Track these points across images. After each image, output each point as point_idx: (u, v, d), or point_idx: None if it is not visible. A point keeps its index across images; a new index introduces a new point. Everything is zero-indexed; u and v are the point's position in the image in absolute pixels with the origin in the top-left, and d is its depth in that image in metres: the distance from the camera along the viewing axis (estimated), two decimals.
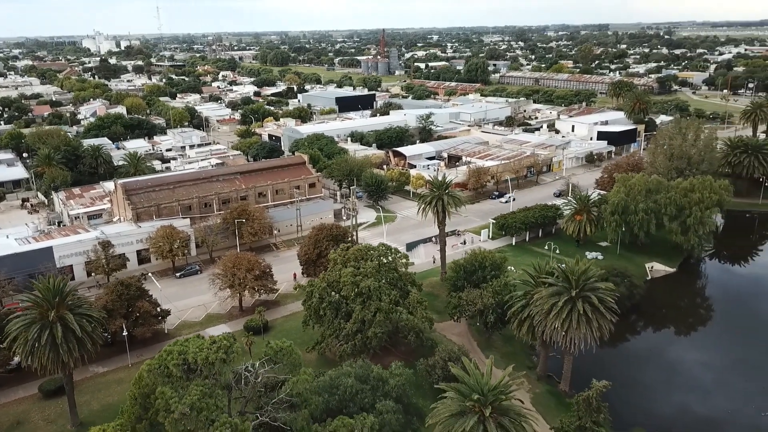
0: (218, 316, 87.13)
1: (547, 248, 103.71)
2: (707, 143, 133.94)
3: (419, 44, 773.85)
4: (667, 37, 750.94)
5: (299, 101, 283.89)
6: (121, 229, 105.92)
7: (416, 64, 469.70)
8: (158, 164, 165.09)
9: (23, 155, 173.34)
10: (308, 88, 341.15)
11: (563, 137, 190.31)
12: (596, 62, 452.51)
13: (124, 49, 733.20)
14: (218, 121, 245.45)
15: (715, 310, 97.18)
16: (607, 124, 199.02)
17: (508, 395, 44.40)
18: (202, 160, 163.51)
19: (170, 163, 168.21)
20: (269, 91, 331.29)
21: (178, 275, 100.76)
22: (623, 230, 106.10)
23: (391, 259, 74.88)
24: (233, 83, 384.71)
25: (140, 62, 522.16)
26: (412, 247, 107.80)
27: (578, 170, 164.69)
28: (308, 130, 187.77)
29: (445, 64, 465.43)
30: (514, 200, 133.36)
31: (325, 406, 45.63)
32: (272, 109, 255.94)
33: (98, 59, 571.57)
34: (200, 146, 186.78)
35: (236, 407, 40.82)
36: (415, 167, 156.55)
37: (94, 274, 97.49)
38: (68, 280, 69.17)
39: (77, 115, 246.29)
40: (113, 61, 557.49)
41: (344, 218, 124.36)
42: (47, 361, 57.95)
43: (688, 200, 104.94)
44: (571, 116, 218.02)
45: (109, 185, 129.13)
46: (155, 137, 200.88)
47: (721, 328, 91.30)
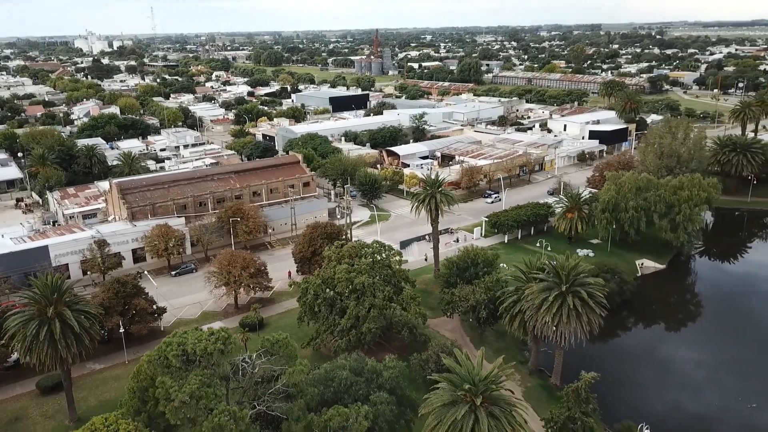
0: (214, 313, 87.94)
1: (538, 246, 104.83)
2: (696, 142, 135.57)
3: (413, 44, 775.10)
4: (659, 37, 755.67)
5: (293, 101, 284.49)
6: (116, 228, 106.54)
7: (410, 64, 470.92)
8: (152, 164, 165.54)
9: (18, 155, 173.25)
10: (302, 88, 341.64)
11: (555, 136, 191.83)
12: (588, 62, 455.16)
13: (116, 49, 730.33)
14: (212, 121, 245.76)
15: (703, 306, 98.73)
16: (598, 123, 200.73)
17: (498, 385, 45.67)
18: (196, 159, 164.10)
19: (164, 162, 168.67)
20: (263, 91, 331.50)
21: (173, 274, 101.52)
22: (614, 228, 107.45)
23: (384, 256, 76.00)
24: (227, 83, 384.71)
25: (133, 62, 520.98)
26: (406, 245, 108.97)
27: (570, 169, 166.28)
28: (302, 129, 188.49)
29: (438, 64, 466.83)
30: (499, 200, 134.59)
31: (320, 397, 46.66)
32: (266, 109, 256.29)
33: (91, 59, 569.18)
34: (194, 146, 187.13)
35: (234, 398, 41.83)
36: (408, 166, 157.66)
37: (89, 272, 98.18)
38: (65, 278, 69.69)
39: (70, 115, 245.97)
40: (106, 61, 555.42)
41: (338, 217, 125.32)
42: (46, 356, 58.59)
43: (677, 198, 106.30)
44: (563, 116, 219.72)
45: (103, 185, 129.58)
46: (149, 137, 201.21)
47: (709, 323, 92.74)
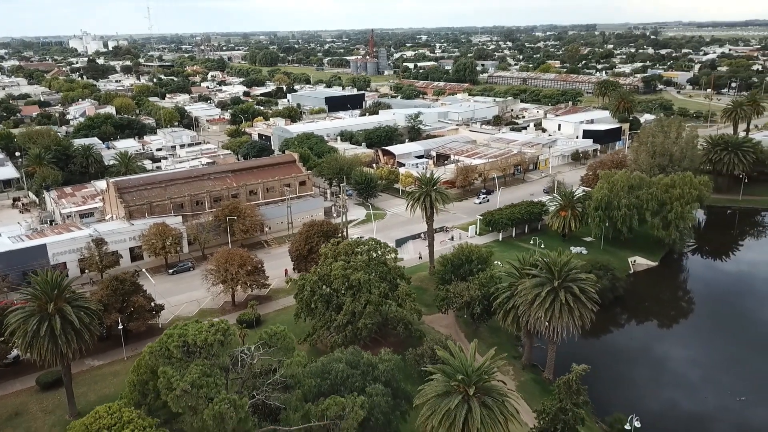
0: (211, 311, 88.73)
1: (532, 243, 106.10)
2: (688, 141, 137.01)
3: (408, 44, 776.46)
4: (653, 37, 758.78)
5: (289, 101, 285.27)
6: (114, 227, 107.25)
7: (405, 64, 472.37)
8: (149, 164, 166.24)
9: (15, 154, 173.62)
10: (297, 88, 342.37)
11: (550, 136, 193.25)
12: (583, 62, 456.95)
13: (111, 49, 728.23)
14: (208, 120, 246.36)
15: (695, 302, 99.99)
16: (592, 122, 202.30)
17: (491, 376, 46.80)
18: (192, 159, 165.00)
19: (161, 162, 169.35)
20: (258, 91, 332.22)
21: (170, 272, 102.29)
22: (607, 225, 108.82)
23: (380, 253, 77.04)
24: (222, 83, 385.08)
25: (128, 62, 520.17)
26: (401, 243, 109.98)
27: (564, 168, 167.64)
28: (298, 129, 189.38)
29: (433, 64, 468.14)
30: (488, 201, 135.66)
31: (317, 389, 47.67)
32: (262, 108, 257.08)
33: (86, 59, 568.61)
34: (190, 146, 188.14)
35: (233, 388, 42.84)
36: (404, 166, 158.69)
37: (87, 271, 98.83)
38: (64, 275, 70.49)
39: (66, 115, 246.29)
40: (101, 61, 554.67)
41: (334, 216, 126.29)
42: (46, 352, 59.38)
43: (668, 196, 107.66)
44: (557, 115, 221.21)
45: (100, 184, 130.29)
46: (145, 137, 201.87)
47: (700, 320, 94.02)
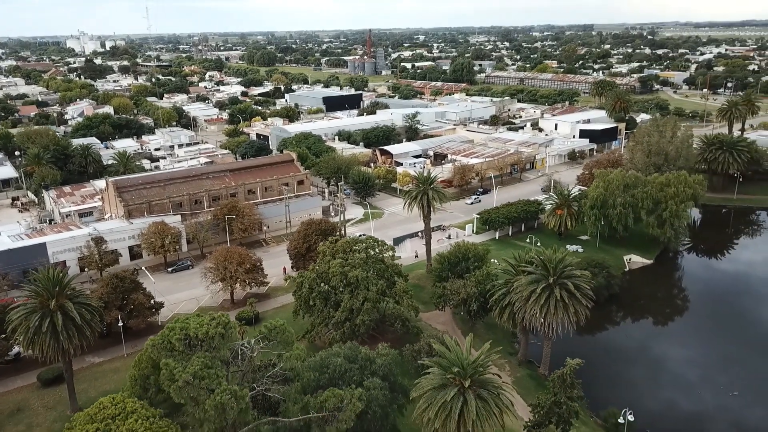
0: (210, 308, 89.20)
1: (529, 242, 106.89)
2: (683, 140, 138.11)
3: (405, 44, 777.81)
4: (650, 37, 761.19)
5: (286, 101, 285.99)
6: (113, 225, 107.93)
7: (402, 64, 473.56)
8: (147, 163, 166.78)
9: (15, 153, 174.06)
10: (295, 87, 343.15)
11: (546, 135, 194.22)
12: (580, 62, 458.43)
13: (109, 49, 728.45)
14: (206, 120, 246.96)
15: (690, 300, 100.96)
16: (589, 122, 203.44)
17: (486, 369, 47.70)
18: (190, 159, 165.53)
19: (159, 162, 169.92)
20: (256, 91, 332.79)
21: (169, 270, 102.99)
22: (602, 224, 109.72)
23: (378, 251, 77.87)
24: (220, 83, 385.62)
25: (126, 62, 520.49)
26: (399, 242, 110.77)
27: (561, 167, 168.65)
28: (296, 129, 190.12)
29: (431, 64, 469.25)
30: (479, 201, 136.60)
31: (316, 383, 48.50)
32: (260, 108, 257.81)
33: (83, 59, 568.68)
34: (189, 145, 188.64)
35: (234, 381, 43.61)
36: (401, 165, 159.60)
37: (87, 269, 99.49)
38: (65, 273, 71.18)
39: (64, 115, 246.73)
40: (99, 61, 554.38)
41: (332, 215, 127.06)
42: (48, 348, 60.06)
43: (663, 194, 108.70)
44: (554, 115, 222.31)
45: (99, 183, 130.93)
46: (144, 137, 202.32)
47: (695, 317, 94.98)
